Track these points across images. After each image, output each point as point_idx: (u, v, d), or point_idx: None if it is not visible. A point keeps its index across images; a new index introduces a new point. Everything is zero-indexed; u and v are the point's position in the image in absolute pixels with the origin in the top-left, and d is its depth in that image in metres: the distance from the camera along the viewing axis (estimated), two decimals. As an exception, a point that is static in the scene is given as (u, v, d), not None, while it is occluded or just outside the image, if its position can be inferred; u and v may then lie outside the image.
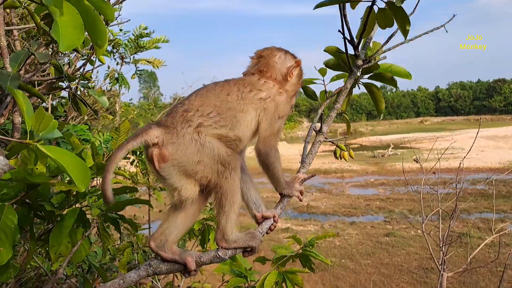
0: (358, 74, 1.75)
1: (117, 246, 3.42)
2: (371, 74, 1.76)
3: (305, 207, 15.51)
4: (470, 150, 3.80)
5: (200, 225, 2.56)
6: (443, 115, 79.64)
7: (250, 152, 1.75)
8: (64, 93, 2.57)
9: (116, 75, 5.89)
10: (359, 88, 1.89)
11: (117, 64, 5.81)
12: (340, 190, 18.28)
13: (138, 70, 6.16)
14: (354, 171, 22.82)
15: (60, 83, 1.65)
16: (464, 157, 3.84)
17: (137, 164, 4.47)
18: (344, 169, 23.44)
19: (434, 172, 4.26)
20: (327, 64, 1.85)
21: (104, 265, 3.19)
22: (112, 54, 5.55)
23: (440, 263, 3.05)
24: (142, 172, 4.46)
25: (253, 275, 2.23)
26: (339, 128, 67.96)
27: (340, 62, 1.80)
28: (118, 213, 1.32)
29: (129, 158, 4.49)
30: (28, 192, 1.21)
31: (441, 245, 3.20)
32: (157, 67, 6.39)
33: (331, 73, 1.89)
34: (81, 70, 1.63)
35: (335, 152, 1.98)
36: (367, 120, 78.21)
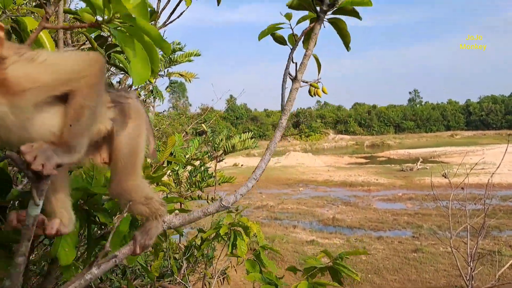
0: (325, 18, 1.72)
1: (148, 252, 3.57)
2: (333, 10, 1.76)
3: (331, 220, 15.43)
4: (500, 165, 3.78)
5: (227, 230, 2.63)
6: (473, 129, 77.61)
7: (275, 162, 1.79)
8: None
9: (151, 88, 6.14)
10: (324, 27, 1.78)
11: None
12: (367, 204, 18.09)
13: (171, 83, 6.40)
14: (381, 184, 22.54)
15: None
16: (494, 172, 3.82)
17: (170, 174, 4.65)
18: (370, 182, 23.19)
19: (462, 188, 4.25)
20: (290, 6, 1.79)
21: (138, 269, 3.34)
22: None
23: (467, 278, 3.05)
24: (175, 181, 4.64)
25: (283, 284, 2.32)
26: (366, 140, 67.22)
27: (302, 3, 1.74)
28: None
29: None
30: (87, 200, 1.37)
31: (469, 261, 3.20)
32: (189, 80, 6.62)
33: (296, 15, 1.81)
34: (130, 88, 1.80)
35: (309, 91, 1.99)
36: (395, 133, 77.01)
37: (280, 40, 1.89)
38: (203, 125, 6.25)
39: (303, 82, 1.79)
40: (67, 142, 0.98)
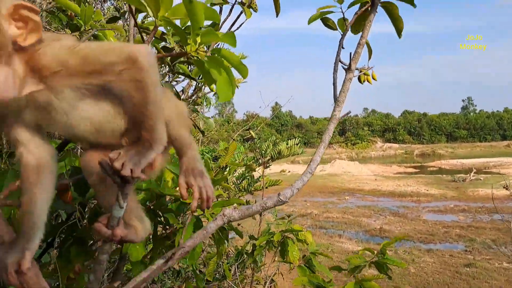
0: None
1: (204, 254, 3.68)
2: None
3: (378, 231, 15.06)
4: None
5: (280, 237, 2.68)
6: (533, 139, 73.19)
7: (320, 170, 1.76)
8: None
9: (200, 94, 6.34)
10: (377, 12, 1.70)
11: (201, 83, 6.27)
12: (416, 215, 17.49)
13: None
14: (431, 195, 21.73)
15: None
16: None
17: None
18: (420, 192, 22.42)
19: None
20: None
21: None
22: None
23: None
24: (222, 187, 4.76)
25: (332, 287, 2.33)
26: (416, 149, 65.03)
27: None
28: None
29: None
30: (156, 200, 1.47)
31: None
32: (237, 86, 6.76)
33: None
34: (193, 97, 1.91)
35: (359, 78, 1.92)
36: (446, 142, 74.01)
37: (330, 25, 1.87)
38: (251, 131, 6.36)
39: (357, 69, 1.73)
40: (146, 136, 1.03)
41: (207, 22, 1.38)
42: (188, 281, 3.68)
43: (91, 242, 1.43)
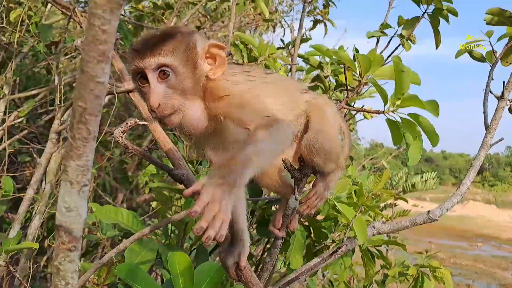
0: None
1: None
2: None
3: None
4: None
5: (415, 271, 2.59)
6: None
7: (450, 210, 1.70)
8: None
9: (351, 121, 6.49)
10: None
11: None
12: None
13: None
14: None
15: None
16: None
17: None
18: None
19: None
20: (489, 23, 1.75)
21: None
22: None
23: None
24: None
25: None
26: None
27: (503, 20, 1.70)
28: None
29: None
30: (313, 218, 1.64)
31: None
32: (368, 117, 6.70)
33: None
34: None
35: (510, 109, 1.77)
36: None
37: (477, 58, 1.91)
38: (383, 161, 6.22)
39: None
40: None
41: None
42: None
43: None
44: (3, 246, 1.33)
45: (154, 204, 2.55)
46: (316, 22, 3.25)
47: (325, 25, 3.00)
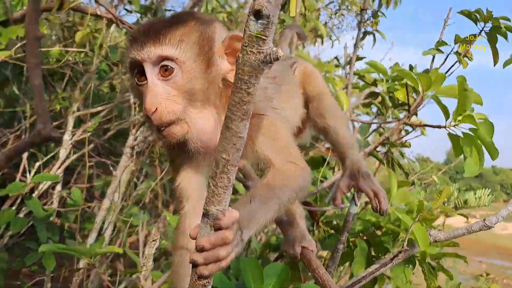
0: None
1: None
2: None
3: None
4: None
5: None
6: None
7: (502, 229, 1.70)
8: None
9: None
10: None
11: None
12: None
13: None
14: None
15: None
16: None
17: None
18: None
19: None
20: None
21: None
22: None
23: None
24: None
25: None
26: None
27: None
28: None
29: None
30: (372, 232, 1.70)
31: None
32: (425, 134, 6.61)
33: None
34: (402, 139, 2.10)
35: None
36: None
37: None
38: (434, 177, 6.09)
39: None
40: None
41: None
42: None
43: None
44: (91, 249, 1.47)
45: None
46: (365, 34, 3.27)
47: (374, 36, 3.00)
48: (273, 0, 0.55)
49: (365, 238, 1.72)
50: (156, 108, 0.88)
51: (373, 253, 1.77)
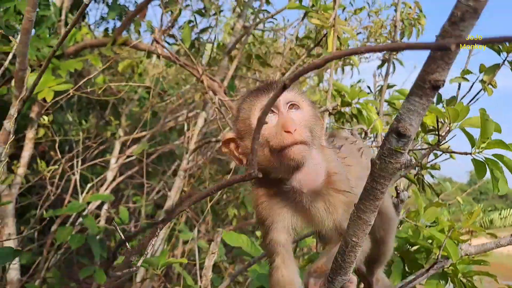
0: None
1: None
2: None
3: None
4: None
5: None
6: None
7: None
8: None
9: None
10: None
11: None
12: None
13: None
14: None
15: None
16: None
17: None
18: None
19: None
20: None
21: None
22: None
23: None
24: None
25: None
26: None
27: None
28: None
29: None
30: (407, 249, 1.84)
31: None
32: (454, 158, 6.65)
33: None
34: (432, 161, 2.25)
35: None
36: None
37: None
38: (458, 198, 6.14)
39: None
40: None
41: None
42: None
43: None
44: (159, 259, 1.67)
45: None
46: (384, 62, 3.29)
47: (393, 64, 3.04)
48: (415, 124, 0.68)
49: (399, 255, 1.86)
50: (296, 129, 1.09)
51: (407, 269, 1.92)
